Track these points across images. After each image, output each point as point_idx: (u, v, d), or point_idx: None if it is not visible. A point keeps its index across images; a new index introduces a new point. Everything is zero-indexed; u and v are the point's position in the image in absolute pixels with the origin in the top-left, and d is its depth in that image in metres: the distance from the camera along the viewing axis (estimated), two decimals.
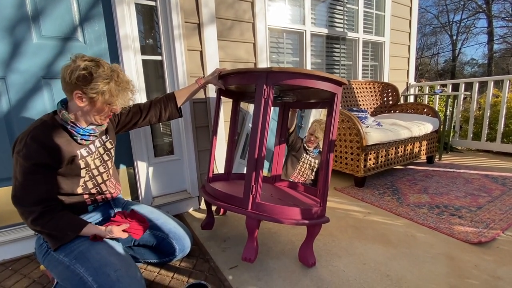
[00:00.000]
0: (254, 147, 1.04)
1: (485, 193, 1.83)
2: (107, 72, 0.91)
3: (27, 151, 0.85)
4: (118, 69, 0.97)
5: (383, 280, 1.04)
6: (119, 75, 0.95)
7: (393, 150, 2.15)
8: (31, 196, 0.87)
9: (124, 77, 0.97)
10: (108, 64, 0.95)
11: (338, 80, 1.08)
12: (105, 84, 0.91)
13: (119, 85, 0.94)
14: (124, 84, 0.96)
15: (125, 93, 0.97)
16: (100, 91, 0.90)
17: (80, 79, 0.88)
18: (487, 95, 2.90)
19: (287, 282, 1.05)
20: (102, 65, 0.91)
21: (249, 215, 1.05)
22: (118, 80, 0.94)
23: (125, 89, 0.97)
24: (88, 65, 0.89)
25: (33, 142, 0.86)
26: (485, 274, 1.06)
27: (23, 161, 0.85)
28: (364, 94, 2.80)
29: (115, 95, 0.94)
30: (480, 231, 1.34)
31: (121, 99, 0.96)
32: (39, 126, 0.90)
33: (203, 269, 1.15)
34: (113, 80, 0.92)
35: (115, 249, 0.95)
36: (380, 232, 1.40)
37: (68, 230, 0.91)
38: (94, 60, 0.92)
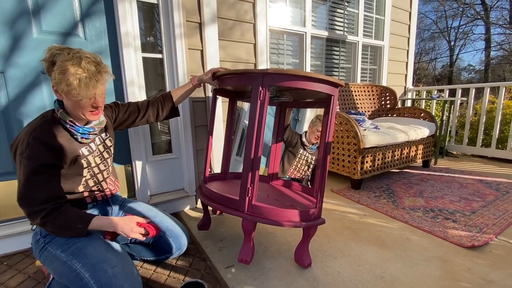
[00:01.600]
0: (250, 149, 1.05)
1: (479, 197, 1.85)
2: (66, 57, 0.83)
3: (31, 152, 0.84)
4: (84, 54, 0.86)
5: (377, 281, 1.06)
6: (81, 61, 0.83)
7: (390, 154, 2.17)
8: (39, 195, 0.85)
9: (88, 64, 0.84)
10: (79, 51, 0.86)
11: (334, 82, 1.09)
12: (61, 73, 0.82)
13: (79, 72, 0.83)
14: (86, 70, 0.83)
15: (92, 81, 0.85)
16: (58, 82, 0.83)
17: (45, 70, 0.88)
18: (483, 101, 2.94)
19: (282, 282, 1.06)
20: (66, 51, 0.84)
21: (245, 217, 1.06)
22: (78, 66, 0.83)
23: (91, 76, 0.84)
24: (53, 52, 0.85)
25: (36, 142, 0.85)
26: (478, 277, 1.07)
27: (28, 162, 0.83)
28: (362, 97, 2.83)
29: (75, 86, 0.82)
30: (473, 235, 1.36)
31: (85, 90, 0.84)
32: (40, 126, 0.88)
33: (200, 267, 1.15)
34: (70, 68, 0.82)
35: (112, 246, 0.95)
36: (376, 234, 1.41)
37: (78, 223, 0.89)
38: (63, 48, 0.86)
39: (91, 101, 0.89)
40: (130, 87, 1.50)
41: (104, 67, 0.90)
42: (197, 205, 1.82)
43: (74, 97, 0.85)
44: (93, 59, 0.87)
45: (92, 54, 0.89)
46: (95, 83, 0.86)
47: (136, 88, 1.52)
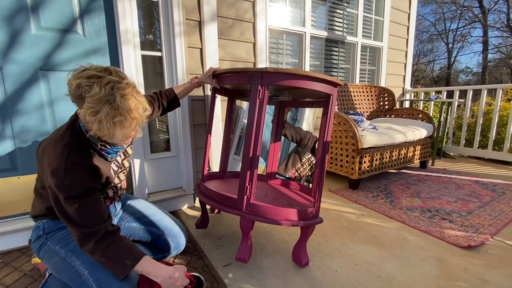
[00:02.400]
0: (248, 148, 1.05)
1: (475, 198, 1.87)
2: (100, 95, 0.72)
3: (73, 179, 0.78)
4: (122, 89, 0.74)
5: (374, 280, 1.06)
6: (115, 100, 0.72)
7: (388, 154, 2.18)
8: (88, 219, 0.80)
9: (125, 103, 0.74)
10: (111, 80, 0.74)
11: (333, 81, 1.10)
12: (93, 114, 0.72)
13: (115, 115, 0.73)
14: (124, 111, 0.74)
15: (126, 123, 0.76)
16: (89, 122, 0.75)
17: (74, 100, 0.78)
18: (480, 103, 2.96)
19: (280, 280, 1.06)
20: (98, 84, 0.73)
21: (243, 216, 1.06)
22: (114, 107, 0.73)
23: (125, 119, 0.75)
24: (82, 83, 0.73)
25: (75, 167, 0.79)
26: (474, 277, 1.08)
27: (71, 189, 0.78)
28: (361, 97, 2.84)
29: (106, 128, 0.74)
30: (469, 236, 1.37)
31: (119, 132, 0.76)
32: (75, 150, 0.81)
33: (197, 266, 1.15)
34: (104, 108, 0.72)
35: None
36: (373, 234, 1.42)
37: (127, 259, 0.81)
38: (94, 76, 0.74)
39: (127, 139, 0.83)
40: None
41: (143, 102, 0.81)
42: (195, 204, 1.82)
43: (107, 138, 0.78)
44: (132, 93, 0.77)
45: (129, 83, 0.78)
46: (130, 121, 0.77)
47: None
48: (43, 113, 1.35)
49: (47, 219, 0.94)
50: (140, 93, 0.83)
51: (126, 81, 0.78)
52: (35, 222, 0.97)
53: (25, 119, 1.31)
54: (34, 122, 1.33)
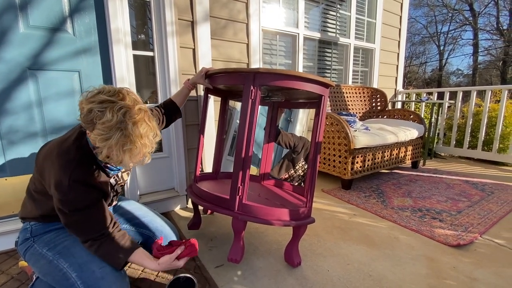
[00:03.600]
0: (241, 148, 1.05)
1: (465, 198, 1.90)
2: (111, 123, 0.72)
3: (76, 195, 0.80)
4: (134, 115, 0.74)
5: (365, 280, 1.07)
6: (127, 127, 0.73)
7: (380, 154, 2.20)
8: (96, 225, 0.84)
9: (136, 130, 0.74)
10: (124, 106, 0.74)
11: (324, 82, 1.11)
12: (103, 140, 0.73)
13: (125, 143, 0.74)
14: (134, 138, 0.74)
15: (136, 151, 0.77)
16: (99, 147, 0.75)
17: (84, 124, 0.77)
18: (470, 104, 3.02)
19: (272, 281, 1.06)
20: (110, 110, 0.72)
21: (235, 216, 1.05)
22: (124, 134, 0.73)
23: (135, 147, 0.76)
24: (94, 108, 0.73)
25: (78, 185, 0.79)
26: (463, 275, 1.10)
27: (74, 204, 0.80)
28: (353, 98, 2.86)
29: (116, 155, 0.76)
30: (459, 234, 1.39)
31: (128, 159, 0.77)
32: (79, 167, 0.80)
33: (189, 267, 1.14)
34: (115, 136, 0.72)
35: None
36: (365, 233, 1.43)
37: (120, 253, 0.85)
38: (106, 101, 0.73)
39: (135, 164, 0.85)
40: (120, 84, 1.47)
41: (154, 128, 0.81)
42: (188, 205, 1.81)
43: (115, 163, 0.80)
44: (143, 119, 0.77)
45: (141, 109, 0.78)
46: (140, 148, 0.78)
47: (126, 86, 1.50)
48: (31, 113, 1.32)
49: (36, 222, 0.92)
50: (152, 118, 0.82)
51: (139, 107, 0.78)
52: (23, 223, 0.95)
53: (13, 119, 1.29)
54: (22, 122, 1.31)
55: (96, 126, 0.73)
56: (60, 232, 0.92)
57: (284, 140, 1.96)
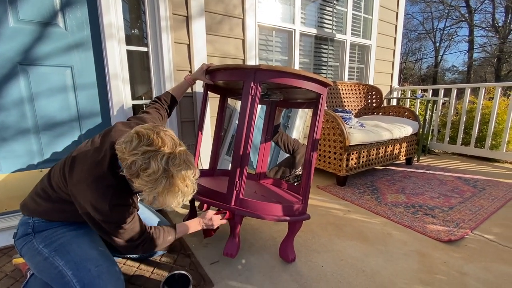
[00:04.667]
0: (239, 143, 1.05)
1: (457, 194, 1.93)
2: (157, 175, 0.75)
3: (117, 216, 0.83)
4: (177, 162, 0.77)
5: (358, 275, 1.09)
6: (172, 175, 0.76)
7: (375, 151, 2.22)
8: (136, 233, 0.89)
9: (180, 174, 0.78)
10: (165, 154, 0.76)
11: (324, 82, 1.11)
12: (150, 190, 0.77)
13: (170, 190, 0.78)
14: (178, 183, 0.78)
15: (180, 194, 0.80)
16: (144, 192, 0.78)
17: (128, 175, 0.79)
18: (464, 101, 3.05)
19: (267, 277, 1.07)
20: (155, 161, 0.75)
21: (232, 210, 1.06)
22: (170, 182, 0.77)
23: (180, 192, 0.80)
24: (137, 160, 0.75)
25: (116, 207, 0.83)
26: (453, 270, 1.12)
27: (116, 224, 0.84)
28: (349, 95, 2.87)
29: (162, 199, 0.79)
30: (450, 230, 1.42)
31: (174, 202, 0.81)
32: (116, 193, 0.83)
33: (184, 264, 1.15)
34: (161, 185, 0.76)
35: (97, 244, 0.93)
36: (359, 229, 1.45)
37: (168, 236, 0.98)
38: (148, 152, 0.75)
39: None
40: (113, 81, 1.46)
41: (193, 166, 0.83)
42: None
43: (160, 206, 0.83)
44: (184, 161, 0.80)
45: (181, 152, 0.80)
46: (184, 192, 0.81)
47: (120, 82, 1.48)
48: (23, 109, 1.30)
49: (40, 219, 0.91)
50: (191, 155, 0.84)
51: (179, 150, 0.80)
52: (23, 216, 0.94)
53: (4, 115, 1.27)
54: (13, 118, 1.29)
55: (140, 177, 0.76)
56: (58, 229, 0.91)
57: (283, 140, 1.94)
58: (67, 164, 0.87)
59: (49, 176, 0.93)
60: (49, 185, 0.91)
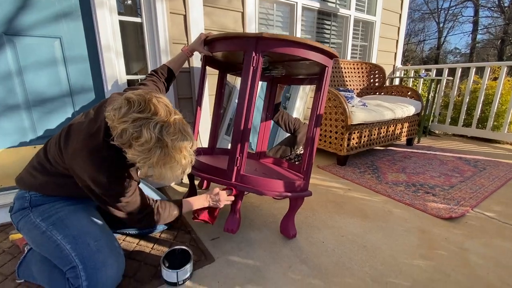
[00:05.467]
0: (240, 118, 1.00)
1: (458, 173, 1.92)
2: (150, 144, 0.70)
3: (118, 189, 0.82)
4: (171, 131, 0.72)
5: (359, 250, 1.08)
6: (167, 145, 0.71)
7: (376, 131, 2.18)
8: (140, 206, 0.88)
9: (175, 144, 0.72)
10: (159, 121, 0.71)
11: (330, 52, 1.05)
12: (143, 160, 0.72)
13: (166, 161, 0.73)
14: (174, 154, 0.73)
15: (177, 167, 0.76)
16: (139, 163, 0.74)
17: (119, 144, 0.73)
18: (468, 81, 2.98)
19: (267, 252, 1.07)
20: (146, 129, 0.69)
21: (233, 186, 1.04)
22: (164, 152, 0.72)
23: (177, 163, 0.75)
24: (128, 129, 0.69)
25: (117, 180, 0.81)
26: (454, 246, 1.12)
27: (119, 196, 0.82)
28: (351, 74, 2.79)
29: (158, 172, 0.75)
30: (451, 208, 1.41)
31: (170, 175, 0.76)
32: (112, 165, 0.78)
33: (184, 240, 1.14)
34: (155, 155, 0.71)
35: (96, 219, 0.91)
36: (359, 207, 1.44)
37: (174, 211, 0.97)
38: (139, 119, 0.70)
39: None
40: (106, 53, 1.38)
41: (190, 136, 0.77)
42: (183, 180, 1.79)
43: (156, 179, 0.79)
44: (180, 131, 0.74)
45: (176, 120, 0.74)
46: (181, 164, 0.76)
47: (113, 54, 1.41)
48: (11, 84, 1.24)
49: (37, 193, 0.88)
50: (187, 124, 0.79)
51: (174, 118, 0.74)
52: (20, 190, 0.91)
53: None
54: (1, 93, 1.22)
55: (133, 146, 0.72)
56: (56, 204, 0.88)
57: (284, 119, 1.88)
58: (62, 137, 0.83)
59: (45, 150, 0.89)
60: (45, 158, 0.87)
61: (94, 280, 0.78)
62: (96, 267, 0.79)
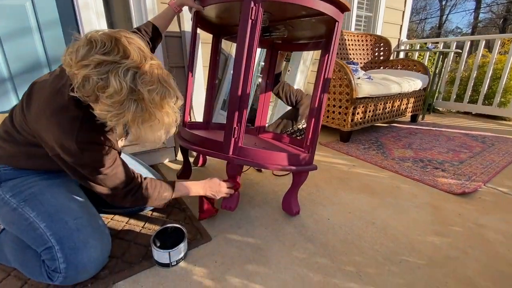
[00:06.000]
0: (237, 81, 0.87)
1: (466, 149, 1.84)
2: (121, 95, 0.55)
3: (92, 157, 0.68)
4: (147, 79, 0.57)
5: (368, 227, 1.00)
6: (143, 97, 0.57)
7: (382, 105, 2.07)
8: (121, 179, 0.75)
9: (154, 97, 0.58)
10: (130, 67, 0.56)
11: (341, 3, 0.90)
12: (115, 117, 0.58)
13: (144, 119, 0.59)
14: (154, 110, 0.59)
15: (158, 126, 0.62)
16: (111, 122, 0.60)
17: (82, 96, 0.60)
18: (477, 54, 2.84)
19: (269, 229, 0.98)
20: (114, 76, 0.54)
21: (230, 160, 0.92)
22: (141, 107, 0.58)
23: (157, 121, 0.61)
24: (91, 75, 0.55)
25: (89, 146, 0.67)
26: (469, 222, 1.05)
27: (94, 167, 0.69)
28: (355, 47, 2.62)
29: (135, 132, 0.62)
30: (462, 183, 1.33)
31: (151, 136, 0.63)
32: (82, 127, 0.64)
33: (178, 218, 1.05)
34: (129, 110, 0.57)
35: (76, 195, 0.80)
36: (365, 183, 1.36)
37: (164, 192, 0.83)
38: (104, 62, 0.54)
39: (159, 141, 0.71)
40: (84, 12, 1.21)
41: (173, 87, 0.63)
42: (177, 158, 1.68)
43: (134, 140, 0.68)
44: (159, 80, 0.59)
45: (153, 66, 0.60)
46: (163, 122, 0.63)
47: (93, 15, 1.24)
48: None
49: (7, 166, 0.76)
50: (168, 74, 0.63)
51: (150, 64, 0.59)
52: None
53: None
54: None
55: (100, 99, 0.57)
56: (29, 178, 0.77)
57: (284, 91, 1.73)
58: (25, 98, 0.70)
59: (11, 116, 0.76)
60: (12, 126, 0.74)
61: (73, 262, 0.68)
62: (76, 248, 0.69)
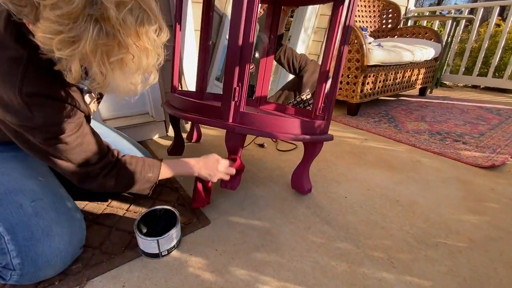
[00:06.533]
0: (237, 31, 0.68)
1: (483, 121, 1.70)
2: (72, 5, 0.35)
3: (46, 117, 0.49)
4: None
5: (393, 206, 0.86)
6: (108, 15, 0.37)
7: (392, 75, 1.89)
8: (90, 152, 0.58)
9: (127, 19, 0.38)
10: None
11: None
12: (65, 45, 0.37)
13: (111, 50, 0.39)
14: (125, 38, 0.39)
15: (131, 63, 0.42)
16: (61, 57, 0.39)
17: (14, 8, 0.40)
18: (490, 23, 2.64)
19: (277, 211, 0.83)
20: None
21: (230, 128, 0.75)
22: (106, 31, 0.38)
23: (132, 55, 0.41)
24: None
25: (39, 99, 0.48)
26: (504, 197, 0.92)
27: (49, 131, 0.51)
28: (362, 13, 2.39)
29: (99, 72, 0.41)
30: (488, 156, 1.20)
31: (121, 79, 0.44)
32: (29, 72, 0.45)
33: (171, 199, 0.89)
34: (88, 35, 0.37)
35: (36, 172, 0.63)
36: (381, 157, 1.21)
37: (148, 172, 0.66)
38: None
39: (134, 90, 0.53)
40: None
41: (153, 9, 0.42)
42: (168, 133, 1.50)
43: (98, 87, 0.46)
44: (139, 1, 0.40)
45: None
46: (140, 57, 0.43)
47: None
48: None
49: None
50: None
51: None
52: None
53: None
54: None
55: (42, 15, 0.37)
56: None
57: (287, 56, 1.51)
58: None
59: None
60: None
61: (30, 255, 0.52)
62: (34, 238, 0.53)
